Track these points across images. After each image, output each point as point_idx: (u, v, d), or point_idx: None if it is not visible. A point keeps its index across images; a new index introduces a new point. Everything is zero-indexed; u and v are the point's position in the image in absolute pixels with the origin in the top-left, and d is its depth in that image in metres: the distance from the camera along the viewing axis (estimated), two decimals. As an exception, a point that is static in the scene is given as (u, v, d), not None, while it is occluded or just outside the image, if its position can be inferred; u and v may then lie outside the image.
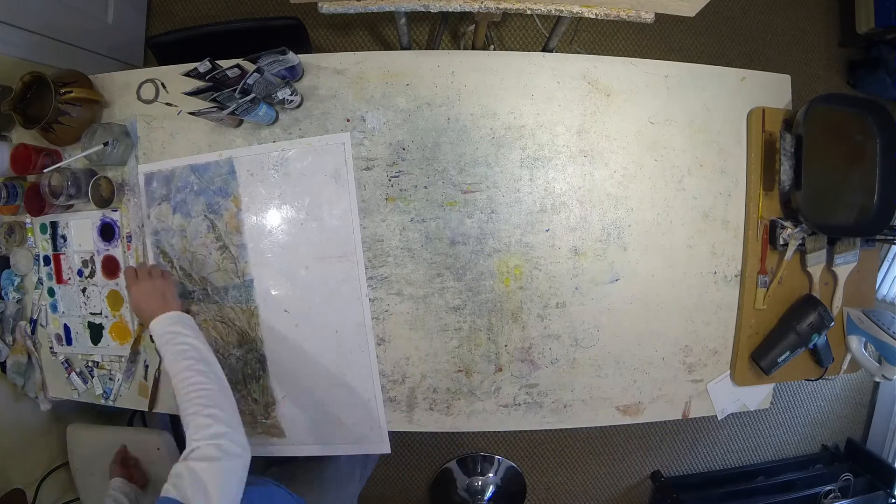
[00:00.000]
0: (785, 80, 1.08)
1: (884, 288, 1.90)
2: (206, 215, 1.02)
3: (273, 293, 1.02)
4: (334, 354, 1.03)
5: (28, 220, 1.11)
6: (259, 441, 1.06)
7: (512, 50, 1.94)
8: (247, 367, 1.05)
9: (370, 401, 1.04)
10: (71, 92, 0.98)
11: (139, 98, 1.05)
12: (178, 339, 0.81)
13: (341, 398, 1.04)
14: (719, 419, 1.11)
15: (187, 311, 0.96)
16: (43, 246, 1.10)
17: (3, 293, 1.13)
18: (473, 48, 1.54)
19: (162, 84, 1.04)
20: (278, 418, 1.05)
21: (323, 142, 0.99)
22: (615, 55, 1.02)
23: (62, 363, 1.13)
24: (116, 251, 1.06)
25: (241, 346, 1.04)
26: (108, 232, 1.06)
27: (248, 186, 1.01)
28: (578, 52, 1.04)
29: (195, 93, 0.86)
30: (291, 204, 1.00)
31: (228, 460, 0.67)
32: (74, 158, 1.02)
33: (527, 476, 2.08)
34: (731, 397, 1.11)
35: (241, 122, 1.01)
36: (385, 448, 1.05)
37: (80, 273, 1.09)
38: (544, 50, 1.34)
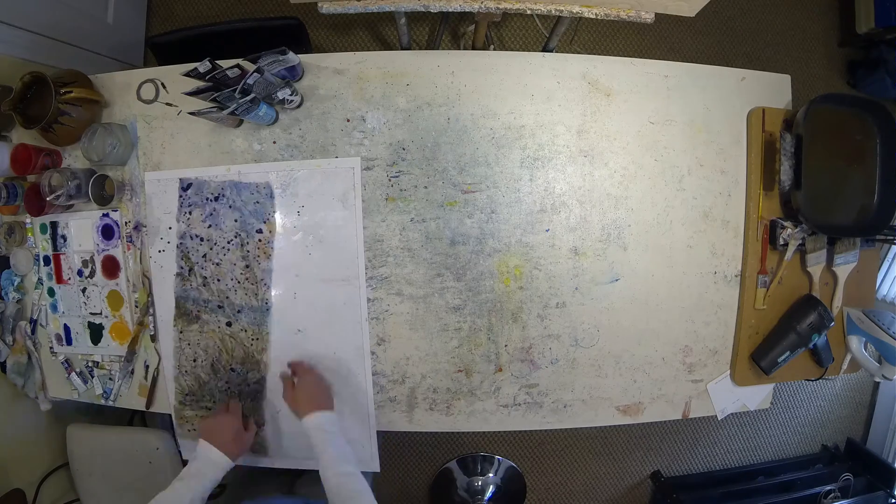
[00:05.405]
0: (785, 80, 1.09)
1: (884, 288, 1.90)
2: (237, 233, 1.01)
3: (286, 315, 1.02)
4: (331, 375, 1.02)
5: (28, 220, 1.11)
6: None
7: (512, 50, 1.93)
8: (244, 384, 1.05)
9: (363, 421, 1.04)
10: (71, 92, 0.98)
11: (139, 98, 1.05)
12: (343, 438, 0.90)
13: None
14: (719, 419, 1.11)
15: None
16: (43, 246, 1.10)
17: (3, 293, 1.13)
18: (473, 48, 1.54)
19: (162, 84, 1.04)
20: (263, 437, 1.06)
21: (333, 165, 0.99)
22: (615, 55, 1.03)
23: (62, 363, 1.13)
24: (116, 251, 1.06)
25: (244, 364, 1.04)
26: (107, 232, 1.06)
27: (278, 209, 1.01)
28: (578, 52, 1.04)
29: (195, 93, 0.86)
30: (297, 224, 1.00)
31: None
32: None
33: (527, 476, 2.08)
34: (731, 397, 1.11)
35: (241, 122, 1.01)
36: (374, 467, 1.05)
37: (80, 273, 1.09)
38: (544, 50, 1.34)
